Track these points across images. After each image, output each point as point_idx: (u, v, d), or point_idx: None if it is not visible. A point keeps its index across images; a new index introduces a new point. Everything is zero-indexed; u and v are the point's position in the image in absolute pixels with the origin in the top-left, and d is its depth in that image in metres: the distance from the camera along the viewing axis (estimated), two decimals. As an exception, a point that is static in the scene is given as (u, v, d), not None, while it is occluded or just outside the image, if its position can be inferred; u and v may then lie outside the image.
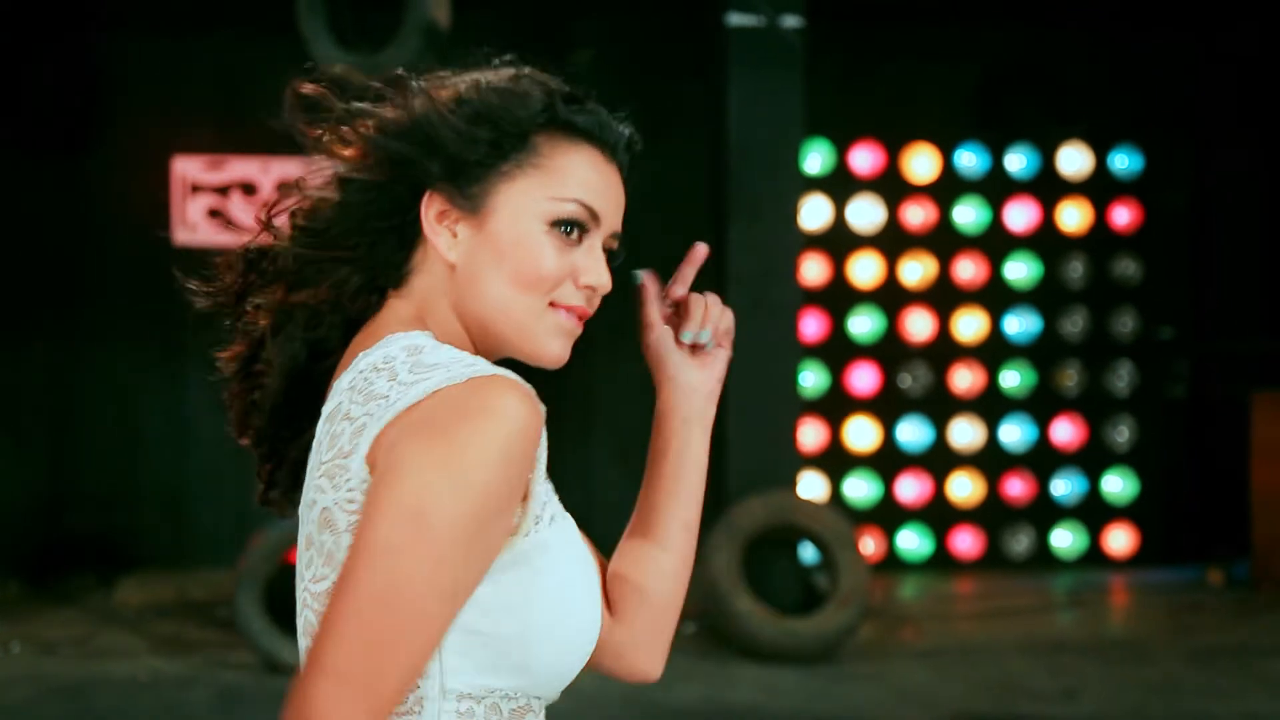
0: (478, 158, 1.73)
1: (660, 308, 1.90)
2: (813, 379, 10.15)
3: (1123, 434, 10.54)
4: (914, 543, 10.34)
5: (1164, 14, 10.32)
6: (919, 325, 10.34)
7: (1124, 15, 10.33)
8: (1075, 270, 10.46)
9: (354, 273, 1.76)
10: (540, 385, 1.65)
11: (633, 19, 10.08)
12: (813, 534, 8.10)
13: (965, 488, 10.39)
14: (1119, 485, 10.52)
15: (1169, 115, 10.50)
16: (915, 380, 10.35)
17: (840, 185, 10.26)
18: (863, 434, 10.31)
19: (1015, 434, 10.45)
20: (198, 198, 9.73)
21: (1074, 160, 10.45)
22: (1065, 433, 10.49)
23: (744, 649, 7.83)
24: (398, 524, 1.55)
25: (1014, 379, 10.44)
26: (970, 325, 10.37)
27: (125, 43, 9.88)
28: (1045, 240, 10.42)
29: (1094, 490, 10.52)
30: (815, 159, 10.13)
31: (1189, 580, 9.93)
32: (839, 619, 7.86)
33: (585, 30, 10.09)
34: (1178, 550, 10.40)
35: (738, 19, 8.32)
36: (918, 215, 10.30)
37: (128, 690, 7.22)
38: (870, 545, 10.05)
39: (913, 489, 10.35)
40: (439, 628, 1.58)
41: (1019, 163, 10.41)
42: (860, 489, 10.29)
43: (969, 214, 10.35)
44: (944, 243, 10.33)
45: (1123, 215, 10.48)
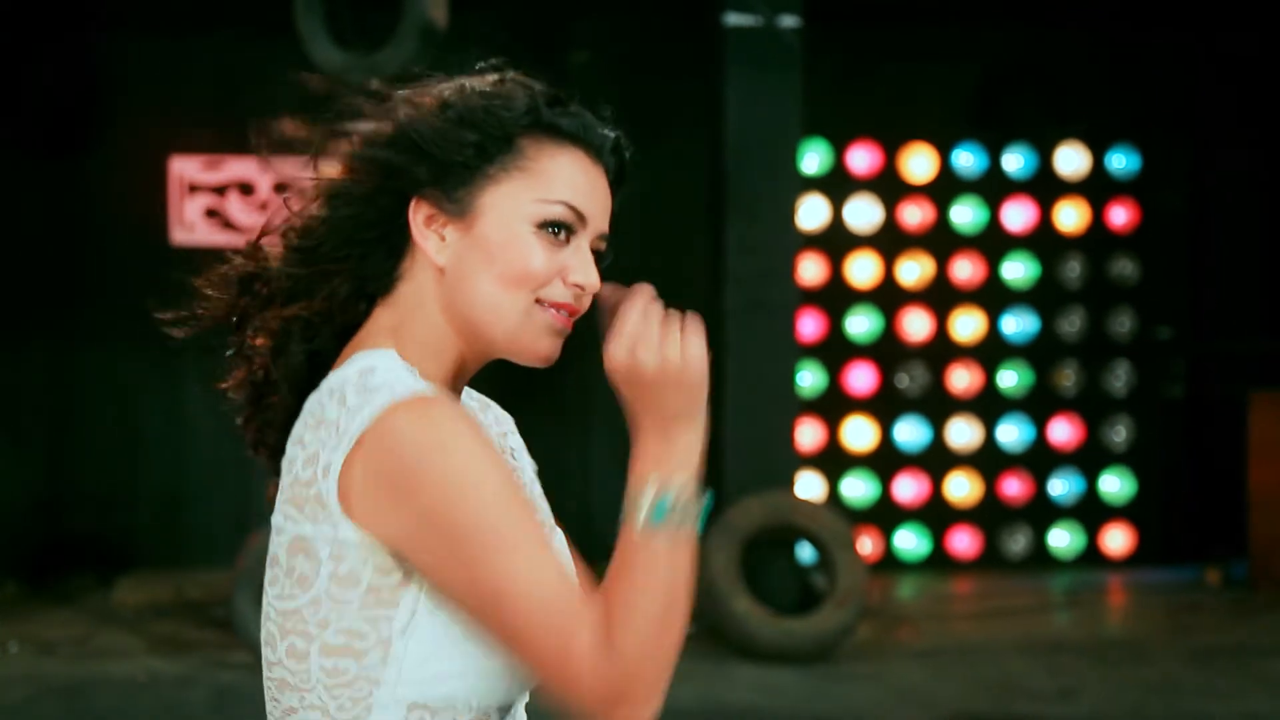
0: (464, 161, 1.74)
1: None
2: (810, 379, 10.15)
3: (1120, 434, 10.54)
4: (911, 543, 10.34)
5: (1162, 14, 10.32)
6: (916, 325, 10.34)
7: (1122, 15, 10.33)
8: (1073, 270, 10.46)
9: (344, 282, 1.78)
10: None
11: (630, 19, 10.07)
12: (810, 534, 8.10)
13: (963, 487, 10.39)
14: (1117, 485, 10.52)
15: (1167, 115, 10.50)
16: (913, 380, 10.35)
17: (838, 185, 10.25)
18: (860, 434, 10.31)
19: (1013, 434, 10.45)
20: (195, 198, 9.73)
21: (1072, 160, 10.45)
22: (1063, 432, 10.49)
23: (742, 649, 7.83)
24: (456, 558, 1.61)
25: (1011, 379, 10.44)
26: (968, 325, 10.37)
27: (124, 43, 9.87)
28: (1043, 240, 10.42)
29: (1092, 490, 10.52)
30: (813, 159, 10.13)
31: (1187, 580, 9.93)
32: (837, 619, 7.87)
33: (583, 30, 10.09)
34: (1176, 550, 10.40)
35: (735, 19, 8.32)
36: (915, 215, 10.30)
37: (126, 690, 7.22)
38: (868, 545, 10.05)
39: (910, 489, 10.35)
40: (564, 574, 1.63)
41: (1016, 162, 10.41)
42: (858, 489, 10.29)
43: (966, 214, 10.35)
44: (941, 242, 10.32)
45: (1120, 215, 10.48)
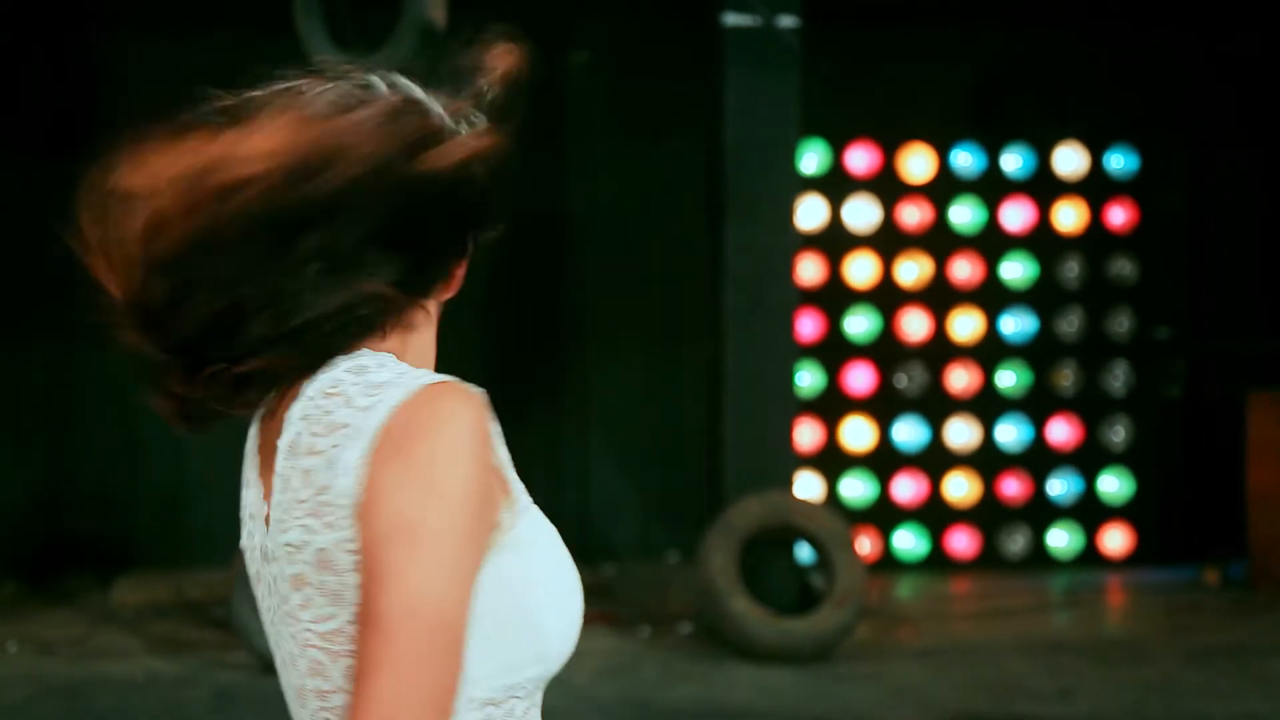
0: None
1: None
2: (809, 379, 10.15)
3: (1119, 434, 10.55)
4: (910, 543, 10.34)
5: (1161, 14, 10.32)
6: (915, 325, 10.34)
7: (1121, 16, 10.33)
8: (1071, 270, 10.46)
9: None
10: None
11: (630, 19, 10.07)
12: (809, 534, 8.10)
13: (961, 487, 10.39)
14: (1115, 485, 10.53)
15: (1166, 115, 10.50)
16: (911, 380, 10.36)
17: (836, 185, 10.26)
18: (859, 434, 10.31)
19: (1011, 434, 10.45)
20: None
21: (1070, 160, 10.45)
22: (1061, 433, 10.50)
23: (740, 649, 7.83)
24: (394, 548, 1.57)
25: (1010, 379, 10.44)
26: (966, 325, 10.38)
27: (124, 43, 9.87)
28: (1041, 240, 10.42)
29: (1090, 490, 10.52)
30: (811, 159, 10.13)
31: (1185, 580, 9.94)
32: (835, 619, 7.87)
33: (582, 30, 10.09)
34: (1174, 550, 10.40)
35: (734, 19, 8.32)
36: (914, 215, 10.31)
37: (125, 690, 7.22)
38: (866, 545, 10.05)
39: (909, 489, 10.35)
40: (463, 629, 1.59)
41: (1015, 163, 10.42)
42: (856, 489, 10.30)
43: (965, 214, 10.36)
44: (940, 243, 10.33)
45: (1119, 215, 10.49)
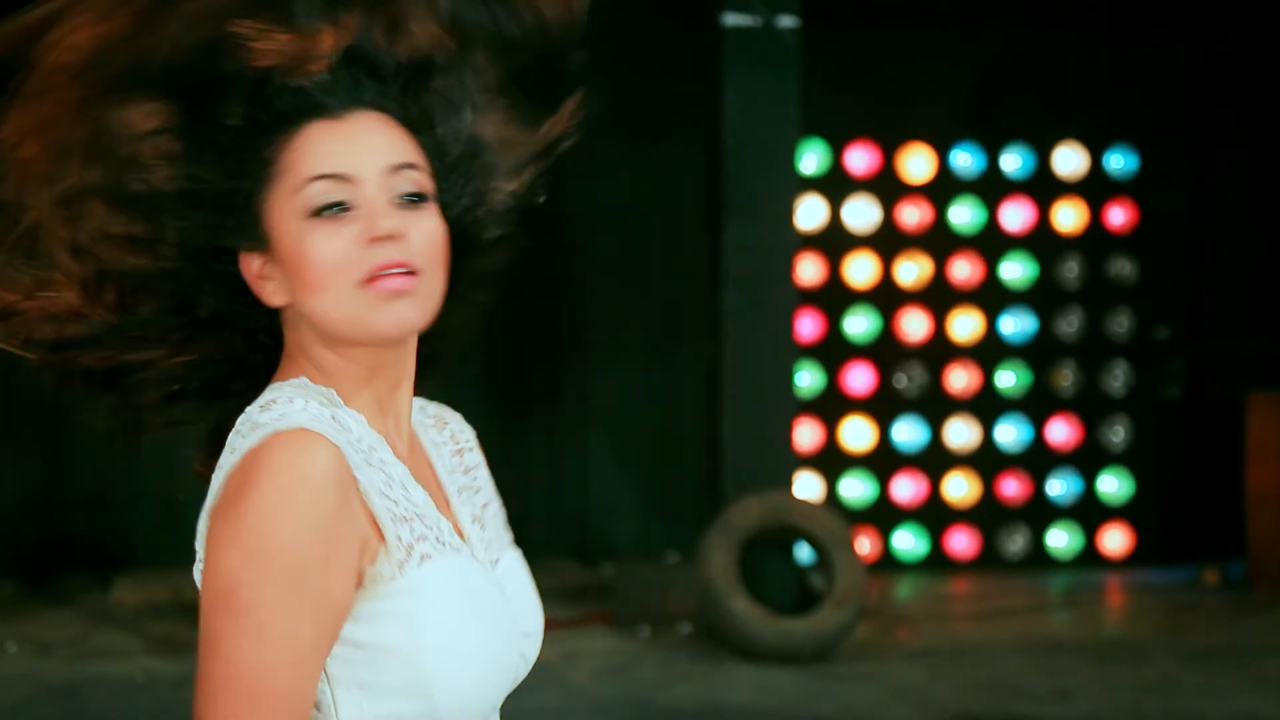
0: (237, 206, 1.63)
1: None
2: (808, 379, 10.14)
3: (1118, 434, 10.54)
4: (909, 543, 10.33)
5: (1160, 14, 10.32)
6: (914, 325, 10.33)
7: (1120, 16, 10.33)
8: (1071, 270, 10.45)
9: (232, 337, 1.71)
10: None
11: (629, 19, 10.06)
12: (809, 534, 8.09)
13: (961, 488, 10.39)
14: (1114, 485, 10.52)
15: (1165, 115, 10.49)
16: (911, 380, 10.35)
17: (836, 185, 10.25)
18: (858, 434, 10.30)
19: (1011, 434, 10.44)
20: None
21: (1069, 160, 10.45)
22: (1061, 433, 10.49)
23: (740, 649, 7.82)
24: (215, 612, 1.54)
25: (1009, 379, 10.43)
26: (966, 325, 10.37)
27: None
28: (1040, 240, 10.42)
29: (1089, 490, 10.52)
30: (811, 159, 10.12)
31: (1184, 580, 9.93)
32: (835, 619, 7.86)
33: (582, 30, 10.07)
34: (1173, 550, 10.40)
35: (733, 19, 8.32)
36: (913, 215, 10.30)
37: (123, 690, 7.21)
38: (866, 545, 10.04)
39: (908, 489, 10.34)
40: (297, 692, 1.53)
41: (1014, 163, 10.41)
42: (856, 489, 10.29)
43: (964, 214, 10.35)
44: (939, 243, 10.32)
45: (1118, 215, 10.48)
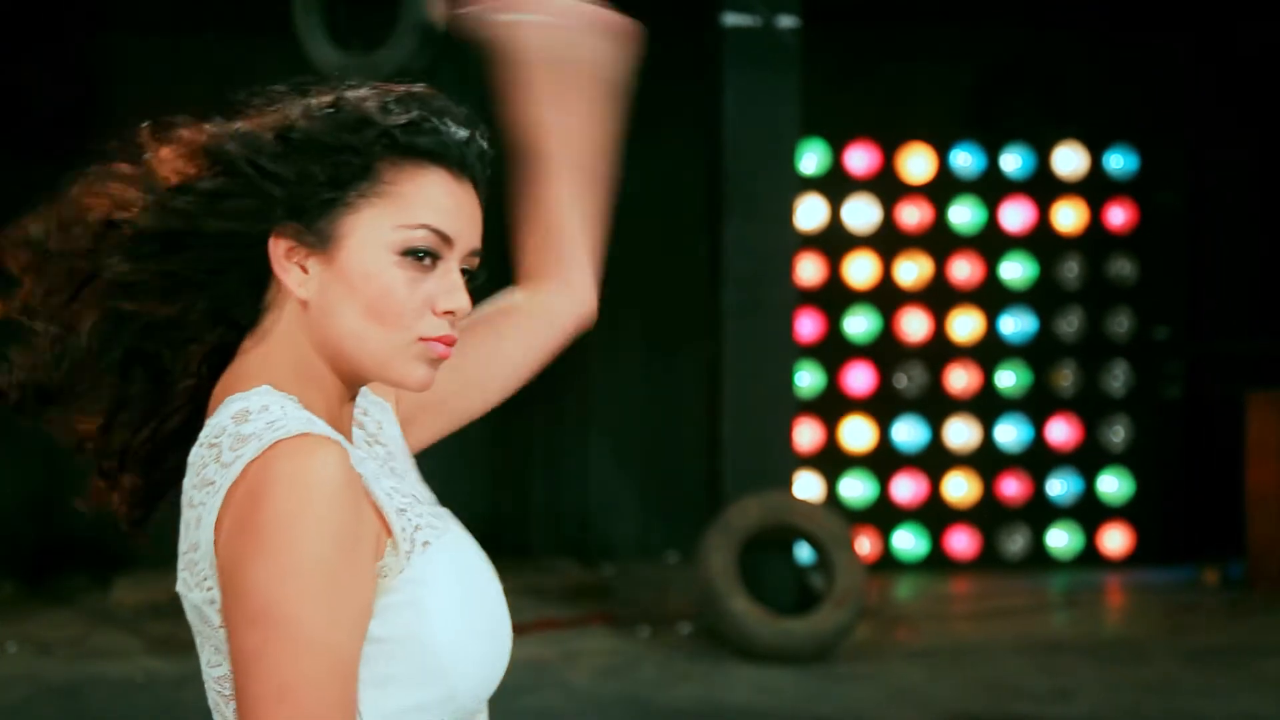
0: (317, 195, 1.66)
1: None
2: (808, 379, 10.14)
3: (1118, 434, 10.54)
4: (909, 543, 10.33)
5: (1160, 14, 10.32)
6: (914, 325, 10.33)
7: (1121, 16, 10.32)
8: (1070, 270, 10.45)
9: (200, 298, 1.70)
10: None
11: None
12: (808, 534, 8.09)
13: (961, 488, 10.39)
14: (1114, 485, 10.52)
15: (1165, 115, 10.49)
16: (911, 380, 10.35)
17: (836, 185, 10.25)
18: (858, 434, 10.30)
19: (1011, 434, 10.44)
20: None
21: (1069, 160, 10.45)
22: (1061, 433, 10.49)
23: (740, 649, 7.82)
24: (250, 630, 1.55)
25: (1009, 379, 10.43)
26: (966, 325, 10.37)
27: (122, 43, 9.87)
28: (1040, 240, 10.41)
29: (1089, 490, 10.51)
30: (811, 159, 10.12)
31: (1184, 580, 9.93)
32: (835, 619, 7.86)
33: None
34: (1173, 550, 10.40)
35: (733, 19, 8.31)
36: (913, 215, 10.30)
37: (123, 690, 7.21)
38: (866, 545, 10.04)
39: (908, 489, 10.34)
40: (344, 701, 1.55)
41: (1014, 163, 10.41)
42: (856, 489, 10.29)
43: (964, 214, 10.35)
44: (939, 243, 10.32)
45: (1118, 215, 10.48)
